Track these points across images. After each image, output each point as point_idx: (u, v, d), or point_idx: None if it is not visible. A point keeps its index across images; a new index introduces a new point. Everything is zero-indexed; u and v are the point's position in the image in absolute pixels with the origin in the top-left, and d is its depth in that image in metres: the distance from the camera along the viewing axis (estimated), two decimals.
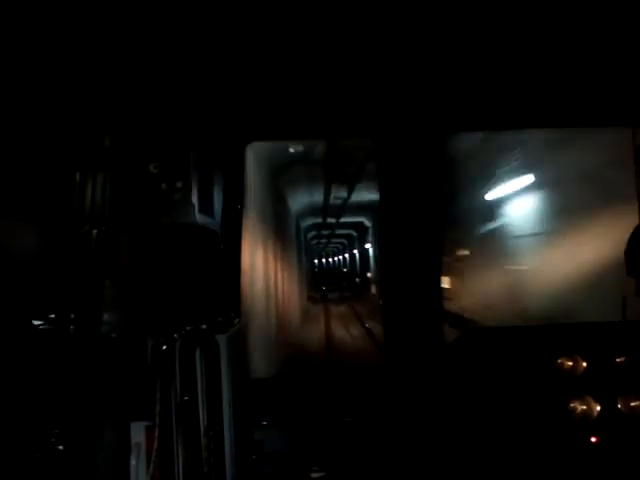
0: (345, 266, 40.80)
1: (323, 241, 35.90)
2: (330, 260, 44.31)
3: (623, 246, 2.49)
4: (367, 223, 23.70)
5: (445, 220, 2.76)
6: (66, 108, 1.85)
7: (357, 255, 32.88)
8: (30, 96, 1.78)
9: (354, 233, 29.64)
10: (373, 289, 23.61)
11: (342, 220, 21.96)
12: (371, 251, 25.59)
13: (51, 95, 1.82)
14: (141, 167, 2.06)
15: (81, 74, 1.91)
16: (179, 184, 2.23)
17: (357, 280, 32.84)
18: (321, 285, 33.02)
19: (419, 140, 2.66)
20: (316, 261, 41.07)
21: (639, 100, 2.54)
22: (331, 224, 23.88)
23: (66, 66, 1.86)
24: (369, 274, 26.81)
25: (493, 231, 8.96)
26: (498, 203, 8.70)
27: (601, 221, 5.22)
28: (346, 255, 39.79)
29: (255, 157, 7.64)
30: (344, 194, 14.43)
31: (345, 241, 35.94)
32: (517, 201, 8.11)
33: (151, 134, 2.15)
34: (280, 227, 12.28)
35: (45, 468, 1.73)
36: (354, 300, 26.13)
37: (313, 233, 29.03)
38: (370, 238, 24.64)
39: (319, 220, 22.08)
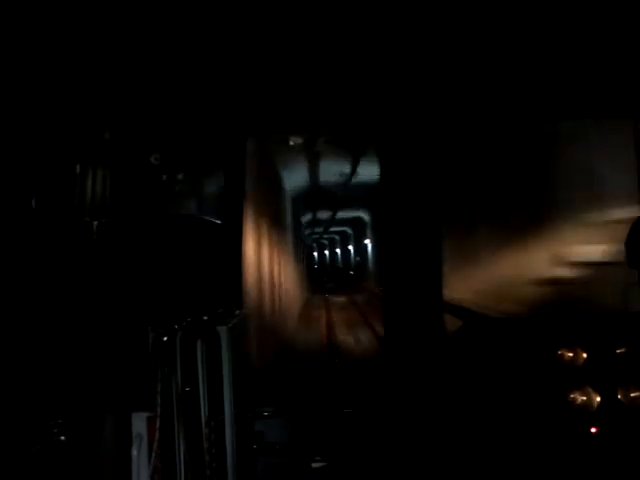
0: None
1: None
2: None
3: None
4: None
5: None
6: (67, 101, 1.85)
7: None
8: (32, 90, 1.78)
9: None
10: None
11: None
12: None
13: (53, 89, 1.82)
14: (142, 159, 2.06)
15: (83, 68, 1.91)
16: (180, 176, 2.23)
17: None
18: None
19: (417, 134, 2.66)
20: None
21: None
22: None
23: (68, 61, 1.85)
24: None
25: None
26: None
27: None
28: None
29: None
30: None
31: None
32: None
33: (152, 126, 2.15)
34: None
35: (47, 458, 1.74)
36: None
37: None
38: None
39: None
